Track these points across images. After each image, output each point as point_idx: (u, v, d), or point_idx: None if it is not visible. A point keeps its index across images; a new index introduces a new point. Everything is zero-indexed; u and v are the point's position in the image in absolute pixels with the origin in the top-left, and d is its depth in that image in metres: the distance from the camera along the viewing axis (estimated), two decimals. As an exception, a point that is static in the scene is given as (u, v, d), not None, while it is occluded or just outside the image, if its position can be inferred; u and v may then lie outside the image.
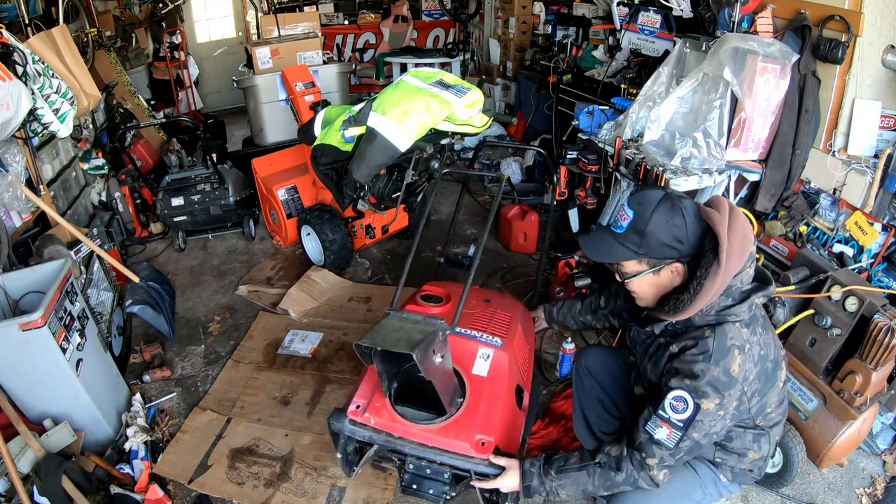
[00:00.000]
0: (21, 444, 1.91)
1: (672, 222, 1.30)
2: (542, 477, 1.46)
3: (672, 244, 1.31)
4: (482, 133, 2.66)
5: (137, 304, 2.64)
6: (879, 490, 2.03)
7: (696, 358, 1.28)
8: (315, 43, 4.49)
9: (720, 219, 1.27)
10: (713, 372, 1.26)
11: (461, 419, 1.68)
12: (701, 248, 1.31)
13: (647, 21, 3.25)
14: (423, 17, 6.57)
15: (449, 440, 1.64)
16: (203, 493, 2.02)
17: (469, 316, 1.98)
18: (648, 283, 1.40)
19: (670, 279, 1.36)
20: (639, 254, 1.34)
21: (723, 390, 1.26)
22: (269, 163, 3.57)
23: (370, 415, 1.73)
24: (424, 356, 1.42)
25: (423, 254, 3.56)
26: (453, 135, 2.64)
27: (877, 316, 1.79)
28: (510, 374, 1.80)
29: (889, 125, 2.18)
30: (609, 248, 1.38)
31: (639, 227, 1.32)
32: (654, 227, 1.30)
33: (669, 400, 1.30)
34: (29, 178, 2.64)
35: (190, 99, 5.90)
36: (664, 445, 1.32)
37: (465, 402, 1.72)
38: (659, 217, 1.30)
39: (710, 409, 1.27)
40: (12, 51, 2.43)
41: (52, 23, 3.52)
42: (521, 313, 2.09)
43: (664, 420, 1.30)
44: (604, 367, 1.81)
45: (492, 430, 1.65)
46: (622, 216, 1.36)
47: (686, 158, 2.39)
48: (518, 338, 1.95)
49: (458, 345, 1.84)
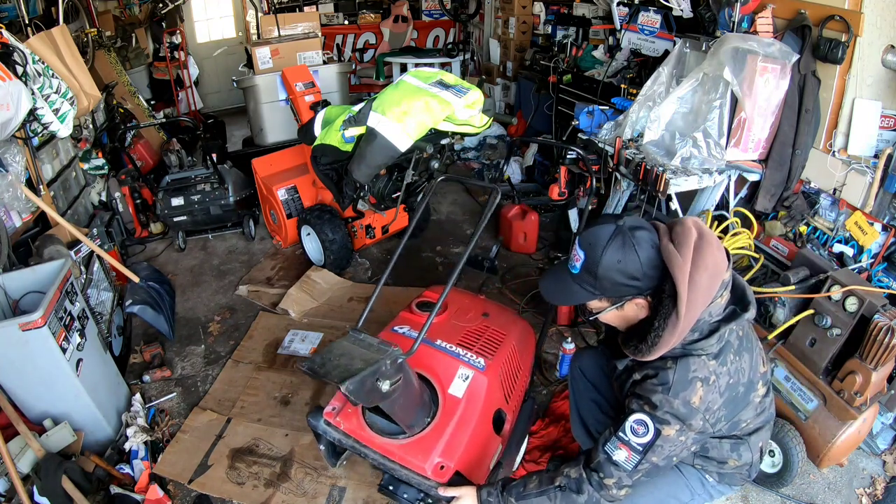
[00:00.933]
0: (21, 444, 1.91)
1: (625, 261, 1.23)
2: (500, 499, 1.42)
3: (626, 283, 1.25)
4: (482, 133, 2.66)
5: (137, 304, 2.64)
6: (879, 490, 2.03)
7: (655, 388, 1.25)
8: (315, 43, 4.49)
9: (680, 263, 1.18)
10: (673, 403, 1.23)
11: (425, 438, 1.65)
12: (662, 283, 1.24)
13: (647, 21, 3.25)
14: (423, 17, 6.57)
15: (409, 458, 1.63)
16: (203, 493, 2.02)
17: (460, 329, 1.91)
18: (615, 318, 1.36)
19: (635, 312, 1.32)
20: (595, 294, 1.29)
21: (683, 420, 1.24)
22: (269, 163, 3.57)
23: (341, 419, 1.75)
24: (358, 389, 1.35)
25: (424, 254, 3.56)
26: (453, 135, 2.64)
27: (877, 316, 1.79)
28: (488, 399, 1.72)
29: (889, 125, 2.18)
30: (567, 291, 1.34)
31: (591, 269, 1.26)
32: (606, 267, 1.24)
33: (630, 423, 1.28)
34: (29, 178, 2.64)
35: (190, 99, 5.90)
36: (622, 467, 1.30)
37: (433, 422, 1.68)
38: (610, 256, 1.23)
39: (671, 436, 1.25)
40: (12, 51, 2.43)
41: (52, 23, 3.52)
42: (518, 333, 1.99)
43: (623, 442, 1.29)
44: (598, 369, 1.79)
45: (454, 454, 1.61)
46: (575, 256, 1.30)
47: (686, 158, 2.40)
48: (506, 360, 1.85)
49: (439, 360, 1.79)
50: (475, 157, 5.00)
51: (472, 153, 5.04)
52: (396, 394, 1.46)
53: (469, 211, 4.13)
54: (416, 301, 2.04)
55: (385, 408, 1.51)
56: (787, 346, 2.02)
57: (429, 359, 1.81)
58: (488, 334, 1.90)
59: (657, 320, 1.22)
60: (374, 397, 1.42)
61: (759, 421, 1.44)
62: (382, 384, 1.40)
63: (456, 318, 1.98)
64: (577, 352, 1.93)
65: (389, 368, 1.41)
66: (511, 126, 5.12)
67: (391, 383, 1.42)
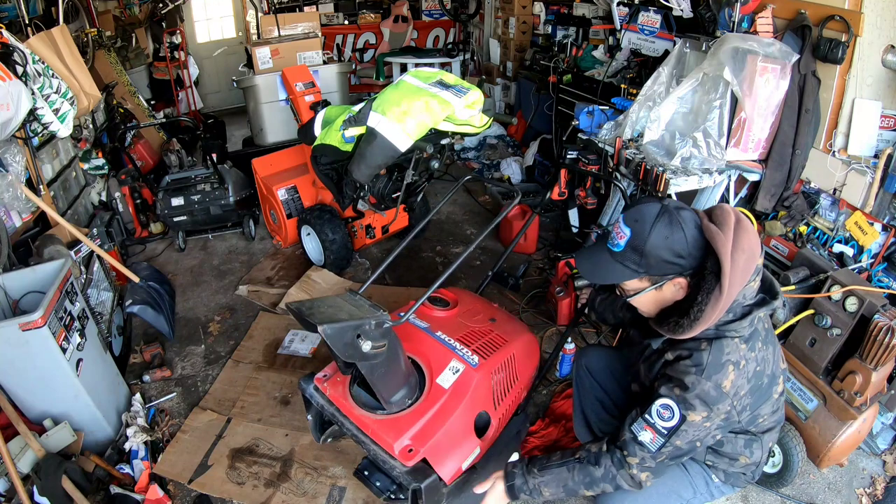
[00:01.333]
0: (21, 444, 1.91)
1: (672, 238, 1.23)
2: (525, 476, 1.46)
3: (673, 260, 1.25)
4: (482, 133, 2.66)
5: (137, 304, 2.64)
6: (879, 490, 2.03)
7: (688, 369, 1.27)
8: (315, 43, 4.49)
9: (723, 240, 1.20)
10: (704, 386, 1.25)
11: (401, 419, 1.66)
12: (703, 262, 1.25)
13: (647, 21, 3.25)
14: (423, 17, 6.57)
15: (381, 433, 1.64)
16: (203, 493, 2.02)
17: (464, 327, 1.93)
18: (652, 300, 1.35)
19: (673, 293, 1.32)
20: (639, 272, 1.29)
21: (711, 404, 1.26)
22: (269, 163, 3.57)
23: (328, 386, 1.80)
24: (337, 336, 1.37)
25: (424, 254, 3.56)
26: (453, 135, 2.64)
27: (877, 316, 1.79)
28: (474, 397, 1.71)
29: (889, 125, 2.18)
30: (607, 269, 1.33)
31: (637, 245, 1.26)
32: (654, 244, 1.24)
33: (657, 406, 1.30)
34: (29, 178, 2.64)
35: (190, 99, 5.91)
36: (646, 447, 1.32)
37: (413, 406, 1.69)
38: (658, 233, 1.23)
39: (696, 421, 1.27)
40: (12, 51, 2.43)
41: (52, 23, 3.52)
42: (522, 344, 1.95)
43: (649, 424, 1.31)
44: (605, 367, 1.80)
45: (425, 441, 1.61)
46: (618, 234, 1.29)
47: (686, 158, 2.40)
48: (502, 365, 1.83)
49: (435, 350, 1.81)
50: (475, 157, 5.00)
51: (472, 153, 5.05)
52: (378, 360, 1.49)
53: (469, 211, 4.12)
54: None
55: (364, 371, 1.53)
56: (788, 346, 2.03)
57: (425, 346, 1.83)
58: (490, 337, 1.90)
59: (700, 295, 1.23)
60: (353, 353, 1.44)
61: (773, 420, 1.46)
62: (364, 343, 1.42)
63: (463, 317, 2.00)
64: (583, 350, 1.92)
65: (373, 330, 1.44)
66: (511, 126, 5.13)
67: (373, 346, 1.44)
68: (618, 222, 1.31)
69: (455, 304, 2.03)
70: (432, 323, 1.94)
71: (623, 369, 1.78)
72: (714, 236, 1.22)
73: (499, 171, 4.59)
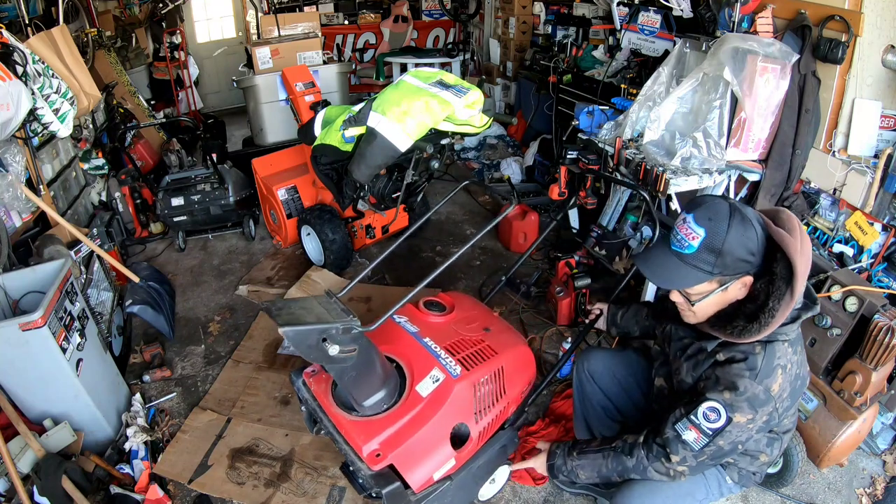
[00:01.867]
0: (21, 444, 1.91)
1: (746, 235, 1.21)
2: (565, 457, 1.52)
3: (747, 258, 1.23)
4: (482, 133, 2.66)
5: (137, 304, 2.64)
6: (879, 490, 2.03)
7: (742, 372, 1.26)
8: (315, 43, 4.49)
9: (795, 245, 1.19)
10: (755, 389, 1.25)
11: (373, 423, 1.66)
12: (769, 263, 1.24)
13: (647, 21, 3.25)
14: (423, 17, 6.57)
15: (353, 434, 1.65)
16: (203, 493, 2.02)
17: (454, 335, 1.88)
18: (715, 303, 1.31)
19: (736, 293, 1.29)
20: (713, 274, 1.24)
21: (758, 407, 1.27)
22: (269, 163, 3.57)
23: (313, 381, 1.82)
24: (300, 339, 1.38)
25: (424, 254, 3.56)
26: (453, 135, 2.64)
27: (877, 316, 1.79)
28: (451, 408, 1.68)
29: (889, 125, 2.17)
30: (680, 273, 1.27)
31: (714, 246, 1.21)
32: (731, 242, 1.20)
33: (704, 408, 1.29)
34: (29, 178, 2.64)
35: (190, 99, 5.91)
36: (689, 446, 1.33)
37: (389, 411, 1.69)
38: (735, 231, 1.20)
39: (741, 423, 1.28)
40: (12, 51, 2.43)
41: (52, 23, 3.52)
42: (514, 357, 1.87)
43: (694, 425, 1.31)
44: (607, 372, 1.78)
45: (394, 448, 1.61)
46: (689, 235, 1.24)
47: (686, 158, 2.39)
48: (487, 378, 1.76)
49: (419, 356, 1.79)
50: (475, 157, 5.00)
51: (472, 153, 5.05)
52: (347, 364, 1.49)
53: (469, 211, 4.12)
54: (425, 300, 2.03)
55: (333, 374, 1.55)
56: (787, 346, 2.03)
57: (411, 351, 1.82)
58: (480, 347, 1.84)
59: (771, 300, 1.22)
60: (319, 356, 1.45)
61: (792, 420, 1.48)
62: (330, 347, 1.42)
63: (457, 324, 1.96)
64: (583, 354, 1.87)
65: (340, 334, 1.43)
66: (511, 126, 5.12)
67: (342, 350, 1.44)
68: (684, 223, 1.26)
69: (451, 309, 2.00)
70: (423, 328, 1.91)
71: (627, 373, 1.77)
72: (786, 241, 1.21)
73: (499, 171, 4.59)
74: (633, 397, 1.76)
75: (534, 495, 2.03)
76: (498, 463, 1.87)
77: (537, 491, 2.04)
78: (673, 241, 1.29)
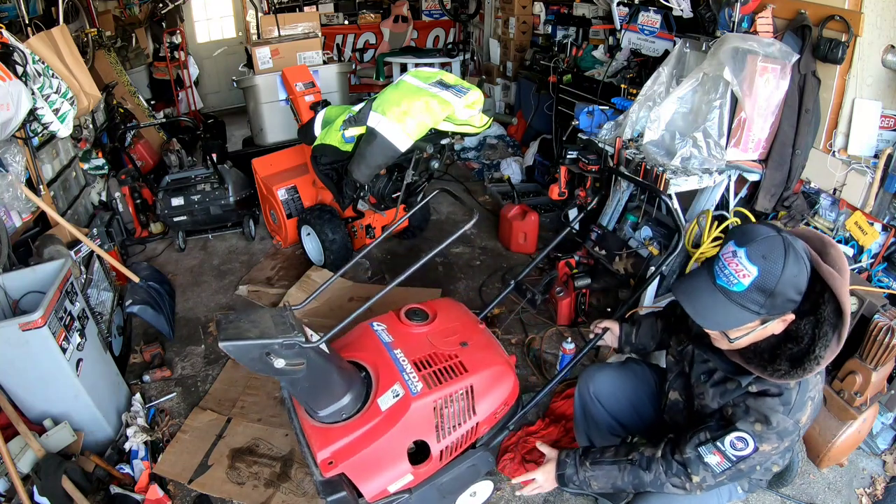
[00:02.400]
0: (21, 444, 1.91)
1: (800, 276, 1.14)
2: (577, 466, 1.47)
3: (796, 298, 1.16)
4: (482, 133, 2.66)
5: (137, 304, 2.64)
6: (879, 490, 2.03)
7: (776, 407, 1.24)
8: (315, 43, 4.49)
9: (845, 288, 1.13)
10: (786, 423, 1.24)
11: (331, 431, 1.67)
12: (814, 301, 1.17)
13: (647, 21, 3.25)
14: (423, 17, 6.57)
15: (312, 439, 1.68)
16: (203, 493, 2.02)
17: (428, 348, 1.83)
18: (754, 336, 1.24)
19: (773, 329, 1.22)
20: (759, 314, 1.16)
21: (784, 437, 1.26)
22: (269, 163, 3.57)
23: None
24: (241, 354, 1.43)
25: (424, 254, 3.55)
26: (453, 135, 2.64)
27: (877, 316, 1.79)
28: (408, 425, 1.65)
29: (889, 125, 2.18)
30: (725, 311, 1.18)
31: (766, 287, 1.12)
32: (785, 283, 1.12)
33: (732, 437, 1.28)
34: (29, 178, 2.64)
35: (190, 99, 5.91)
36: (711, 469, 1.32)
37: (349, 420, 1.69)
38: (790, 271, 1.12)
39: (766, 451, 1.27)
40: (12, 51, 2.43)
41: (52, 23, 3.52)
42: (488, 377, 1.78)
43: (720, 451, 1.30)
44: (614, 393, 1.73)
45: (347, 458, 1.62)
46: (740, 272, 1.14)
47: (686, 158, 2.39)
48: (451, 397, 1.70)
49: (387, 369, 1.77)
50: (475, 157, 5.00)
51: (472, 153, 5.05)
52: (298, 376, 1.51)
53: (469, 211, 4.12)
54: (408, 308, 1.99)
55: (284, 384, 1.57)
56: (787, 346, 2.02)
57: (380, 362, 1.80)
58: (451, 364, 1.77)
59: (818, 347, 1.16)
60: (264, 369, 1.48)
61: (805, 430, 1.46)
62: (276, 360, 1.46)
63: (434, 336, 1.89)
64: (586, 374, 1.78)
65: (283, 349, 1.46)
66: (511, 126, 5.13)
67: (288, 364, 1.47)
68: (734, 257, 1.16)
69: (433, 318, 1.94)
70: (398, 338, 1.87)
71: (634, 389, 1.73)
72: (836, 283, 1.14)
73: (499, 171, 4.59)
74: (640, 412, 1.72)
75: (534, 495, 2.03)
76: (468, 481, 1.84)
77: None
78: (719, 275, 1.19)
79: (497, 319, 2.89)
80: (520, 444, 2.18)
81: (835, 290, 1.15)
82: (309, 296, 1.83)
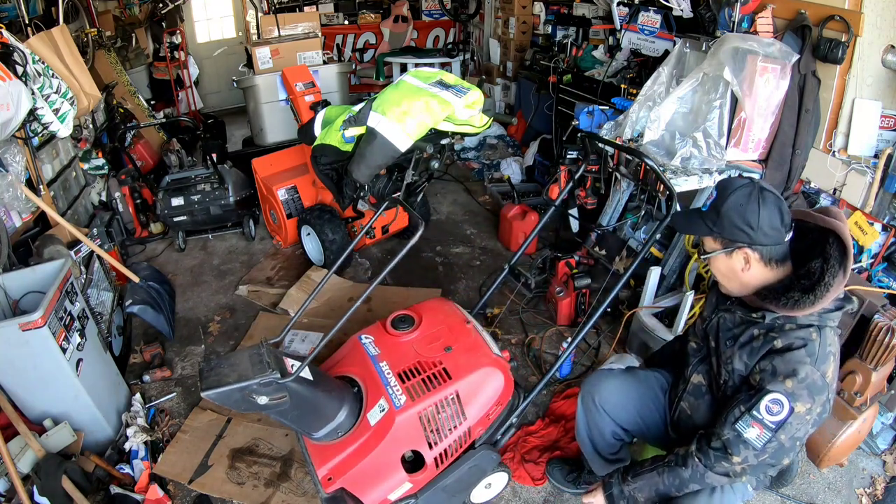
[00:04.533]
0: (21, 444, 1.91)
1: (746, 207, 1.35)
2: (620, 484, 1.53)
3: (742, 227, 1.35)
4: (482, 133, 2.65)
5: (137, 304, 2.64)
6: (879, 490, 2.03)
7: (803, 359, 1.30)
8: (315, 43, 4.49)
9: (846, 229, 1.34)
10: (814, 375, 1.28)
11: (329, 448, 1.74)
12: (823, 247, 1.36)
13: (647, 21, 3.25)
14: (423, 17, 6.57)
15: (313, 456, 1.75)
16: (203, 493, 2.02)
17: (412, 357, 1.82)
18: (724, 266, 1.43)
19: (740, 264, 1.40)
20: (713, 231, 1.40)
21: (815, 394, 1.29)
22: (269, 163, 3.57)
23: None
24: (224, 399, 1.49)
25: (424, 254, 3.56)
26: (453, 135, 2.64)
27: (877, 316, 1.79)
28: (396, 438, 1.68)
29: (889, 125, 2.18)
30: (690, 223, 1.47)
31: (717, 206, 1.39)
32: (729, 206, 1.36)
33: (766, 402, 1.31)
34: (29, 178, 2.64)
35: (190, 99, 5.90)
36: (751, 445, 1.33)
37: (343, 437, 1.74)
38: (735, 199, 1.36)
39: (801, 413, 1.29)
40: (12, 51, 2.43)
41: (52, 23, 3.52)
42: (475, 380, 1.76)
43: (757, 420, 1.32)
44: (621, 401, 1.71)
45: (344, 473, 1.67)
46: (709, 197, 1.45)
47: (686, 158, 2.40)
48: (440, 407, 1.71)
49: (374, 384, 1.78)
50: (475, 157, 5.01)
51: (472, 153, 5.05)
52: (284, 407, 1.57)
53: (469, 211, 4.13)
54: (395, 316, 1.98)
55: (273, 417, 1.63)
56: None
57: (368, 377, 1.83)
58: (434, 372, 1.77)
59: (827, 276, 1.32)
60: (249, 407, 1.53)
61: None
62: (258, 398, 1.52)
63: (418, 343, 1.88)
64: (590, 383, 1.77)
65: (261, 388, 1.51)
66: (511, 126, 5.13)
67: (271, 399, 1.54)
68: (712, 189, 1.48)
69: (418, 324, 1.93)
70: (384, 350, 1.88)
71: (643, 391, 1.72)
72: (839, 226, 1.35)
73: (499, 171, 4.59)
74: (646, 419, 1.71)
75: (534, 495, 2.03)
76: (474, 480, 1.85)
77: (537, 491, 2.04)
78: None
79: (497, 319, 2.89)
80: (519, 444, 2.18)
81: (839, 232, 1.35)
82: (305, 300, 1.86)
